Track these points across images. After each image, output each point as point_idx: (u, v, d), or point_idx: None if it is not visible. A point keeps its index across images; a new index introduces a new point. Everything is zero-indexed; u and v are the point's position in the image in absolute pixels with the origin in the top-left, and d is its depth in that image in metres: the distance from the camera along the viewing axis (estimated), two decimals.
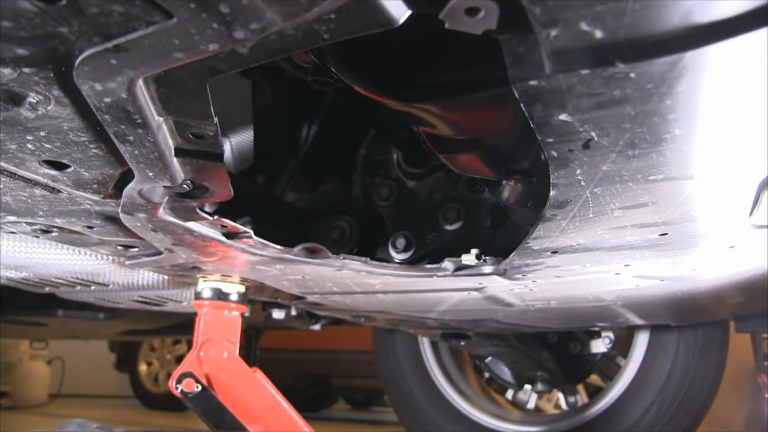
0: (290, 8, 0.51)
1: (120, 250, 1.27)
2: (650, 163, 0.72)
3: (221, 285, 1.58)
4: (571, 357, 2.45)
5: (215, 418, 1.49)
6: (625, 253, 1.08)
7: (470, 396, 2.59)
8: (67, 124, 0.70)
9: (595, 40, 0.52)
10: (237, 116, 1.29)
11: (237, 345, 1.61)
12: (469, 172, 1.10)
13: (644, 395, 2.17)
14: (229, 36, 0.54)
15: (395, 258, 1.33)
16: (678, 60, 0.54)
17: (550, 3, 0.49)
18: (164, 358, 5.63)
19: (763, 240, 1.01)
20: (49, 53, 0.58)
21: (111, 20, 0.53)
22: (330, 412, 5.98)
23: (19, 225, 1.10)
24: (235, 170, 1.31)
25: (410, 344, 2.65)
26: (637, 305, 1.64)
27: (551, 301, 1.56)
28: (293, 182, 1.49)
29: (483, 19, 0.52)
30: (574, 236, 0.99)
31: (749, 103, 0.63)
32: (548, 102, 0.61)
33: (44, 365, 6.28)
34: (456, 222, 1.31)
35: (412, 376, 2.62)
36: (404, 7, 0.52)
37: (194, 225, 1.05)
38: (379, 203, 1.41)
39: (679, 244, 1.03)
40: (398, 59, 0.85)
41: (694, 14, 0.50)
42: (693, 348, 2.16)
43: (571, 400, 2.61)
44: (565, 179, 0.77)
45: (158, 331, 3.41)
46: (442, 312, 1.75)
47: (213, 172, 0.84)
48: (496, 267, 1.19)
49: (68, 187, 0.88)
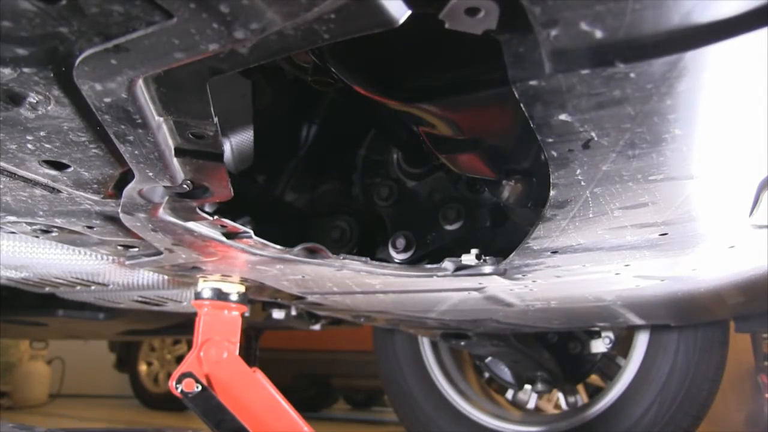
0: (290, 8, 0.51)
1: (120, 250, 1.27)
2: (650, 163, 0.72)
3: (221, 285, 1.57)
4: (571, 357, 2.45)
5: (215, 418, 1.49)
6: (625, 253, 1.08)
7: (470, 396, 2.59)
8: (67, 124, 0.70)
9: (595, 40, 0.52)
10: (237, 116, 1.29)
11: (237, 345, 1.61)
12: (469, 172, 1.10)
13: (644, 395, 2.17)
14: (229, 36, 0.54)
15: (395, 258, 1.33)
16: (678, 60, 0.54)
17: (550, 3, 0.49)
18: (164, 358, 5.63)
19: (763, 240, 1.01)
20: (49, 53, 0.58)
21: (111, 20, 0.53)
22: (330, 412, 5.98)
23: (19, 225, 1.10)
24: (235, 170, 1.31)
25: (410, 344, 2.65)
26: (637, 305, 1.64)
27: (551, 301, 1.56)
28: (293, 182, 1.49)
29: (483, 19, 0.52)
30: (574, 236, 0.98)
31: (749, 103, 0.63)
32: (548, 102, 0.61)
33: (44, 365, 6.28)
34: (456, 222, 1.31)
35: (412, 376, 2.62)
36: (404, 7, 0.52)
37: (194, 225, 1.05)
38: (379, 203, 1.41)
39: (679, 244, 1.03)
40: (398, 59, 0.85)
41: (694, 14, 0.50)
42: (693, 348, 2.15)
43: (571, 400, 2.61)
44: (565, 179, 0.77)
45: (158, 331, 3.41)
46: (442, 312, 1.75)
47: (213, 172, 0.84)
48: (496, 267, 1.19)
49: (68, 187, 0.88)
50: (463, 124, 0.93)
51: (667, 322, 2.01)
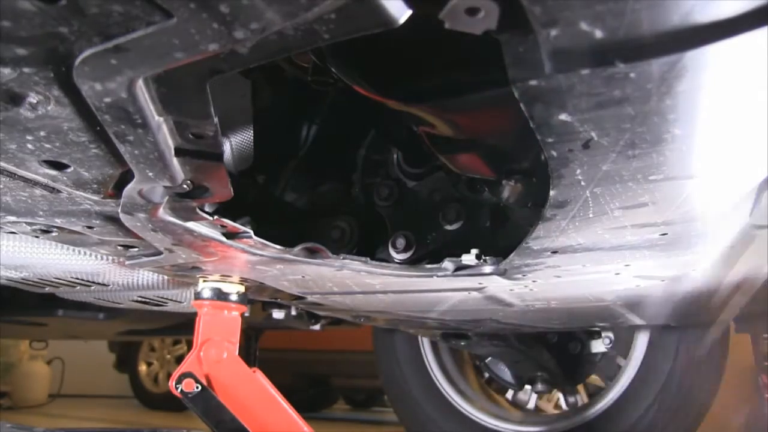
0: (290, 8, 0.51)
1: (120, 250, 1.27)
2: (650, 163, 0.72)
3: (221, 285, 1.57)
4: (571, 357, 2.45)
5: (215, 418, 1.49)
6: (625, 253, 1.08)
7: (470, 396, 2.59)
8: (67, 124, 0.70)
9: (595, 40, 0.52)
10: (237, 116, 1.29)
11: (237, 345, 1.61)
12: (469, 172, 1.10)
13: (644, 395, 2.17)
14: (229, 36, 0.54)
15: (395, 258, 1.32)
16: (678, 60, 0.54)
17: (550, 3, 0.49)
18: (164, 358, 5.63)
19: (763, 240, 1.01)
20: (49, 53, 0.58)
21: (111, 20, 0.53)
22: (330, 412, 5.98)
23: (19, 225, 1.10)
24: (235, 170, 1.31)
25: (410, 344, 2.65)
26: (637, 305, 1.64)
27: (551, 301, 1.56)
28: (293, 182, 1.49)
29: (483, 19, 0.52)
30: (574, 236, 0.99)
31: (749, 102, 0.63)
32: (548, 102, 0.61)
33: (44, 365, 6.28)
34: (456, 222, 1.31)
35: (412, 376, 2.62)
36: (404, 7, 0.52)
37: (194, 225, 1.05)
38: (379, 203, 1.41)
39: (679, 244, 1.03)
40: (398, 59, 0.85)
41: (694, 14, 0.50)
42: (693, 348, 2.15)
43: (571, 400, 2.61)
44: (565, 179, 0.77)
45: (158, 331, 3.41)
46: (442, 312, 1.75)
47: (213, 172, 0.84)
48: (496, 267, 1.19)
49: (68, 187, 0.88)
50: (463, 125, 0.93)
51: (667, 322, 2.01)
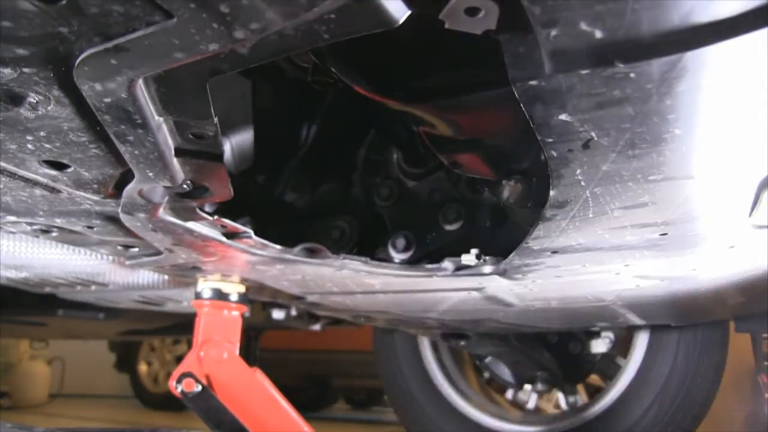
0: (290, 8, 0.51)
1: (120, 250, 1.27)
2: (650, 163, 0.72)
3: (221, 285, 1.58)
4: (571, 357, 2.45)
5: (215, 418, 1.49)
6: (625, 253, 1.08)
7: (470, 396, 2.59)
8: (67, 124, 0.70)
9: (595, 40, 0.52)
10: (237, 116, 1.29)
11: (237, 345, 1.61)
12: (469, 172, 1.10)
13: (644, 395, 2.17)
14: (229, 36, 0.54)
15: (395, 258, 1.32)
16: (678, 60, 0.54)
17: (550, 3, 0.49)
18: (164, 358, 5.63)
19: (763, 240, 1.01)
20: (49, 53, 0.58)
21: (111, 20, 0.53)
22: (330, 412, 5.97)
23: (19, 225, 1.10)
24: (235, 170, 1.31)
25: (410, 344, 2.65)
26: (637, 305, 1.63)
27: (551, 301, 1.56)
28: (293, 182, 1.49)
29: (483, 19, 0.52)
30: (574, 236, 0.98)
31: (749, 103, 0.63)
32: (548, 102, 0.61)
33: (44, 365, 6.28)
34: (456, 222, 1.31)
35: (412, 376, 2.62)
36: (404, 7, 0.52)
37: (194, 225, 1.05)
38: (379, 203, 1.41)
39: (679, 244, 1.03)
40: (398, 59, 0.85)
41: (694, 14, 0.50)
42: (693, 348, 2.15)
43: (571, 400, 2.61)
44: (565, 179, 0.77)
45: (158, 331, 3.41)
46: (442, 312, 1.75)
47: (213, 172, 0.84)
48: (496, 267, 1.19)
49: (68, 187, 0.88)
50: (463, 125, 0.93)
51: (667, 322, 2.01)
